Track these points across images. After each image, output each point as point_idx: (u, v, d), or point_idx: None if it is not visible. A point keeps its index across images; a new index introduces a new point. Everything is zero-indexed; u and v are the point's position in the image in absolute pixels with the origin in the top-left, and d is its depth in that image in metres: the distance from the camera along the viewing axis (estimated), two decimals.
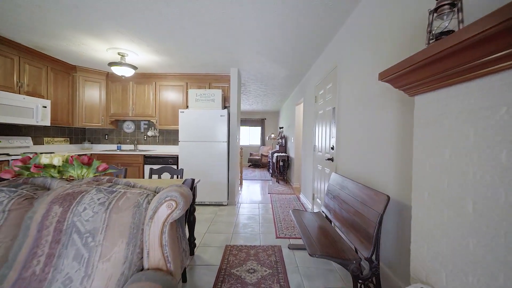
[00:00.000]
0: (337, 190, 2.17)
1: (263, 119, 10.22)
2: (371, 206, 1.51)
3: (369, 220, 1.48)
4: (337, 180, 2.26)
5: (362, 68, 2.02)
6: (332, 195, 2.26)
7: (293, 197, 4.60)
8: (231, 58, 3.57)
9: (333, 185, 2.31)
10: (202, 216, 3.38)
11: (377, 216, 1.40)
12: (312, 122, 3.84)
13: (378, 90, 1.74)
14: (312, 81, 3.87)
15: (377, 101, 1.75)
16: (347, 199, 1.92)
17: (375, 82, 1.78)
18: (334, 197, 2.20)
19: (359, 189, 1.75)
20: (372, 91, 1.84)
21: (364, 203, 1.61)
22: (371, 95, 1.84)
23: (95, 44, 3.07)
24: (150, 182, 2.08)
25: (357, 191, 1.78)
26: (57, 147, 4.10)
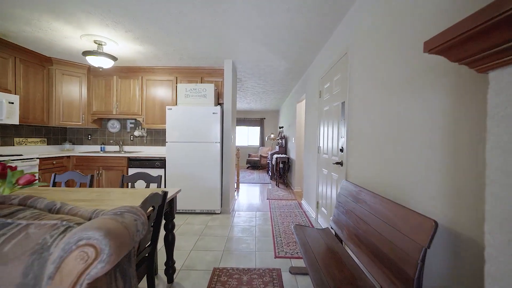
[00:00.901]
0: (351, 203, 1.74)
1: (262, 118, 9.80)
2: (407, 233, 1.08)
3: (404, 253, 1.05)
4: (349, 190, 1.83)
5: (387, 46, 1.59)
6: (343, 208, 1.83)
7: (294, 203, 4.17)
8: (224, 48, 3.15)
9: (344, 196, 1.88)
10: (190, 228, 2.95)
11: (419, 250, 0.97)
12: (315, 121, 3.41)
13: (413, 71, 1.31)
14: (315, 74, 3.44)
15: (412, 86, 1.31)
16: (365, 216, 1.49)
17: (408, 59, 1.36)
18: (346, 211, 1.77)
19: (384, 206, 1.33)
20: (403, 72, 1.41)
21: (394, 226, 1.19)
22: (402, 79, 1.41)
23: (64, 29, 2.65)
24: (100, 194, 1.65)
25: (381, 207, 1.35)
26: (32, 148, 3.68)
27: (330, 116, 2.77)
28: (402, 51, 1.39)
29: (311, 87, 3.72)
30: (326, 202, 2.84)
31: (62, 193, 1.66)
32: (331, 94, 2.75)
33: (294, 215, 3.50)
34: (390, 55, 1.52)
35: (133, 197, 1.62)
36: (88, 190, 1.77)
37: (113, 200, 1.53)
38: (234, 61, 3.66)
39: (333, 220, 1.93)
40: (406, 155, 1.34)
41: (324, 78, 3.02)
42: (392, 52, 1.50)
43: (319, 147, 3.19)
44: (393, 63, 1.49)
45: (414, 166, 1.27)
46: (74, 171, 2.01)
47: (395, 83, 1.47)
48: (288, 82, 4.92)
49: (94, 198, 1.57)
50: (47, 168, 3.32)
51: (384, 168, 1.56)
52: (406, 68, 1.35)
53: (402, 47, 1.39)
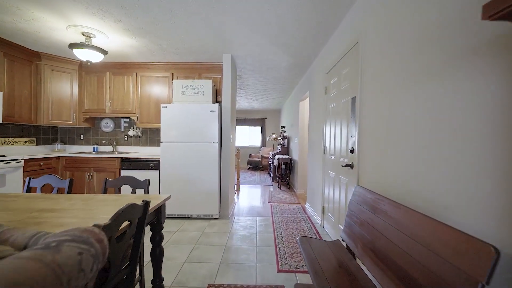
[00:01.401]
0: (366, 213, 1.50)
1: (263, 118, 9.56)
2: (449, 259, 0.84)
3: (448, 285, 0.81)
4: (364, 197, 1.59)
5: (413, 27, 1.35)
6: (357, 218, 1.59)
7: (297, 207, 3.93)
8: (222, 41, 2.92)
9: (357, 204, 1.64)
10: (185, 236, 2.72)
11: (472, 285, 0.73)
12: (321, 119, 3.17)
13: (455, 51, 1.07)
14: (321, 68, 3.20)
15: (453, 69, 1.07)
16: (386, 230, 1.25)
17: (445, 39, 1.12)
18: (360, 221, 1.53)
19: (413, 220, 1.08)
20: (436, 57, 1.17)
21: (428, 247, 0.94)
22: (436, 64, 1.17)
23: (48, 19, 2.43)
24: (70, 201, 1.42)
25: (408, 221, 1.11)
26: (19, 149, 3.47)
27: (337, 114, 2.53)
28: (434, 29, 1.15)
29: (316, 83, 3.48)
30: (334, 207, 2.59)
31: (30, 201, 1.44)
32: (338, 90, 2.51)
33: (297, 220, 3.26)
34: (418, 37, 1.28)
35: (114, 206, 1.40)
36: (63, 197, 1.54)
37: (88, 210, 1.30)
38: (233, 55, 3.43)
39: (345, 231, 1.69)
40: (440, 158, 1.10)
41: (330, 72, 2.78)
42: (420, 33, 1.26)
43: (325, 147, 2.95)
44: (423, 46, 1.25)
45: (456, 171, 1.02)
46: (51, 174, 1.79)
47: (424, 70, 1.22)
48: (290, 79, 4.68)
49: (66, 207, 1.34)
50: (34, 170, 3.11)
51: (409, 173, 1.32)
52: (442, 51, 1.10)
53: (435, 25, 1.15)
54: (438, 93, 1.11)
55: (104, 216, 1.19)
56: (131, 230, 1.08)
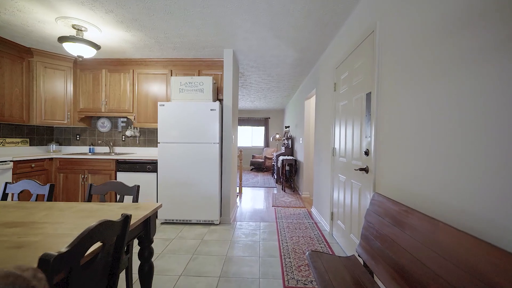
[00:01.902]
0: (388, 226, 1.28)
1: (266, 118, 9.35)
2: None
3: None
4: (385, 208, 1.37)
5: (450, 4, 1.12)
6: (376, 231, 1.37)
7: (303, 212, 3.71)
8: (224, 34, 2.72)
9: (377, 215, 1.41)
10: (182, 244, 2.51)
11: None
12: (329, 118, 2.95)
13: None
14: (329, 63, 2.98)
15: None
16: (417, 250, 1.03)
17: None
18: (381, 236, 1.31)
19: (461, 243, 0.86)
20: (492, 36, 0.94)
21: (489, 284, 0.72)
22: (490, 44, 0.94)
23: (34, 10, 2.25)
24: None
25: (453, 244, 0.89)
26: (11, 150, 3.31)
27: (349, 112, 2.31)
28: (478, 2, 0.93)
29: (324, 79, 3.25)
30: (345, 214, 2.37)
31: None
32: (350, 86, 2.29)
33: (304, 227, 3.04)
34: (454, 16, 1.05)
35: (93, 218, 1.20)
36: (39, 206, 1.35)
37: (60, 224, 1.10)
38: (235, 51, 3.23)
39: (362, 246, 1.47)
40: (490, 165, 0.87)
41: (340, 67, 2.56)
42: (456, 11, 1.03)
43: (334, 149, 2.73)
44: (463, 27, 1.02)
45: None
46: (30, 179, 1.60)
47: (464, 57, 1.00)
48: (296, 77, 4.46)
49: (37, 219, 1.15)
50: (24, 173, 2.94)
51: (443, 181, 1.09)
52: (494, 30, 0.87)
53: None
54: (485, 84, 0.89)
55: (76, 233, 0.99)
56: (104, 253, 0.87)
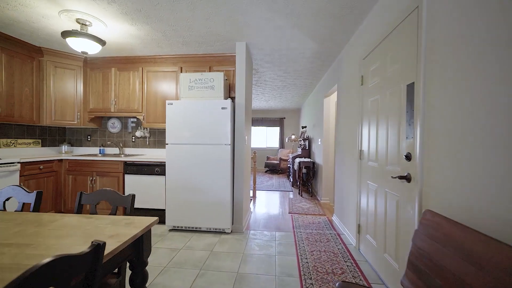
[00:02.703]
0: (453, 259, 0.94)
1: (281, 118, 9.02)
2: None
3: None
4: (446, 232, 1.02)
5: None
6: (432, 262, 1.03)
7: (323, 220, 3.36)
8: (235, 25, 2.46)
9: (432, 241, 1.07)
10: (190, 255, 2.28)
11: None
12: (354, 116, 2.59)
13: None
14: (354, 55, 2.63)
15: None
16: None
17: None
18: (443, 273, 0.97)
19: None
20: None
21: None
22: None
23: (36, 3, 2.12)
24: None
25: None
26: (22, 151, 3.26)
27: (381, 109, 1.96)
28: None
29: (347, 73, 2.90)
30: (376, 228, 2.01)
31: None
32: (383, 77, 1.94)
33: (325, 239, 2.70)
34: None
35: (73, 238, 0.97)
36: (16, 219, 1.15)
37: (27, 246, 0.88)
38: (248, 44, 2.96)
39: (410, 279, 1.13)
40: None
41: (369, 57, 2.20)
42: None
43: (361, 151, 2.37)
44: None
45: None
46: (17, 185, 1.43)
47: None
48: (314, 72, 4.11)
49: (4, 238, 0.94)
50: (32, 175, 2.86)
51: None
52: None
53: None
54: None
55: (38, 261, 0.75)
56: None
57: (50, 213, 1.27)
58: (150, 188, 3.08)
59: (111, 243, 0.93)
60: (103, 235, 1.00)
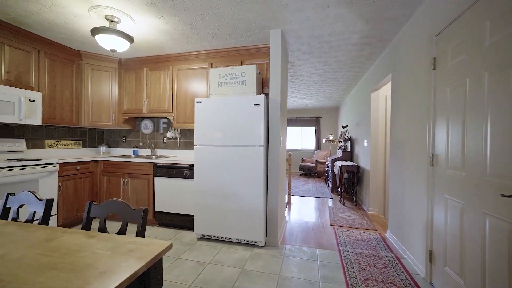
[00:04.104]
0: None
1: (317, 117, 8.41)
2: None
3: None
4: None
5: None
6: None
7: (374, 237, 2.80)
8: (269, 8, 2.12)
9: None
10: (218, 272, 1.99)
11: None
12: (422, 111, 2.03)
13: None
14: (419, 34, 2.07)
15: None
16: None
17: None
18: None
19: None
20: None
21: None
22: None
23: (68, 1, 2.06)
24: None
25: None
26: (64, 151, 3.39)
27: (473, 98, 1.41)
28: None
29: (408, 58, 2.33)
30: (464, 262, 1.46)
31: None
32: (478, 52, 1.39)
33: (381, 263, 2.17)
34: None
35: (55, 271, 0.72)
36: (9, 234, 0.97)
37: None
38: (284, 31, 2.59)
39: None
40: None
41: (447, 31, 1.66)
42: None
43: (434, 155, 1.82)
44: None
45: None
46: (29, 192, 1.29)
47: None
48: (360, 62, 3.56)
49: None
50: (69, 175, 2.90)
51: None
52: None
53: None
54: None
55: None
56: None
57: (55, 228, 1.08)
58: (179, 191, 2.91)
59: (96, 287, 0.65)
60: (93, 271, 0.74)
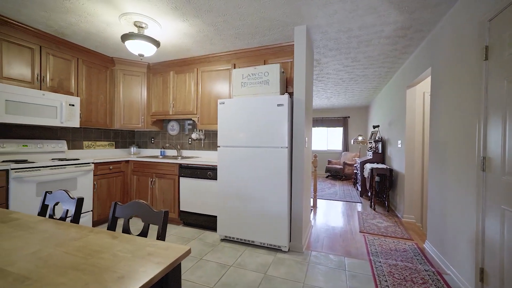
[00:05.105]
0: None
1: (345, 117, 8.03)
2: None
3: None
4: None
5: None
6: None
7: (410, 248, 2.54)
8: (295, 2, 2.03)
9: None
10: (241, 276, 1.94)
11: None
12: (469, 107, 1.78)
13: None
14: (466, 20, 1.82)
15: None
16: None
17: None
18: None
19: None
20: None
21: None
22: None
23: (98, 10, 2.18)
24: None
25: None
26: (99, 152, 3.64)
27: None
28: None
29: (452, 49, 2.08)
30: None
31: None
32: None
33: (419, 279, 1.95)
34: None
35: (77, 273, 0.73)
36: (44, 231, 1.01)
37: (21, 278, 0.66)
38: (309, 27, 2.48)
39: None
40: None
41: (504, 15, 1.42)
42: None
43: (486, 159, 1.58)
44: None
45: None
46: (63, 190, 1.36)
47: None
48: (394, 57, 3.29)
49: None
50: (103, 174, 3.09)
51: None
52: None
53: None
54: None
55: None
56: None
57: (84, 226, 1.12)
58: (203, 192, 2.94)
59: None
60: (112, 274, 0.73)
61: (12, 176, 2.22)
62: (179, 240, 2.69)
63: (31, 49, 2.58)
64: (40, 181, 2.44)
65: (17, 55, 2.47)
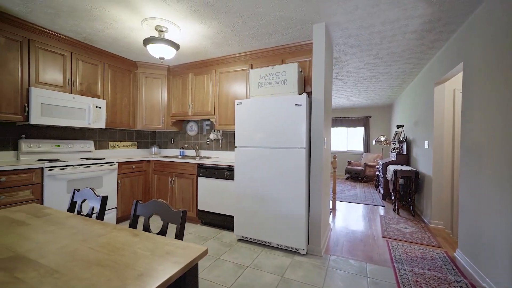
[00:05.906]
0: None
1: (366, 117, 7.73)
2: None
3: None
4: None
5: None
6: None
7: (439, 256, 2.38)
8: (313, 2, 1.98)
9: None
10: (257, 278, 1.93)
11: None
12: (509, 104, 1.62)
13: None
14: (508, 8, 1.66)
15: None
16: None
17: None
18: None
19: None
20: None
21: None
22: None
23: (122, 16, 2.29)
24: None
25: None
26: (123, 152, 3.81)
27: None
28: None
29: (488, 40, 1.90)
30: None
31: (10, 229, 1.02)
32: None
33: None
34: None
35: (100, 268, 0.75)
36: (73, 227, 1.07)
37: (48, 275, 0.70)
38: (328, 24, 2.41)
39: None
40: None
41: None
42: None
43: None
44: None
45: None
46: (89, 188, 1.43)
47: None
48: (420, 53, 3.10)
49: (24, 253, 0.81)
50: (126, 173, 3.23)
51: None
52: None
53: None
54: None
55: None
56: None
57: (107, 223, 1.17)
58: (220, 192, 2.97)
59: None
60: (132, 272, 0.75)
61: (46, 174, 2.39)
62: (197, 239, 2.74)
63: (63, 55, 2.77)
64: (70, 179, 2.60)
65: (51, 61, 2.66)
